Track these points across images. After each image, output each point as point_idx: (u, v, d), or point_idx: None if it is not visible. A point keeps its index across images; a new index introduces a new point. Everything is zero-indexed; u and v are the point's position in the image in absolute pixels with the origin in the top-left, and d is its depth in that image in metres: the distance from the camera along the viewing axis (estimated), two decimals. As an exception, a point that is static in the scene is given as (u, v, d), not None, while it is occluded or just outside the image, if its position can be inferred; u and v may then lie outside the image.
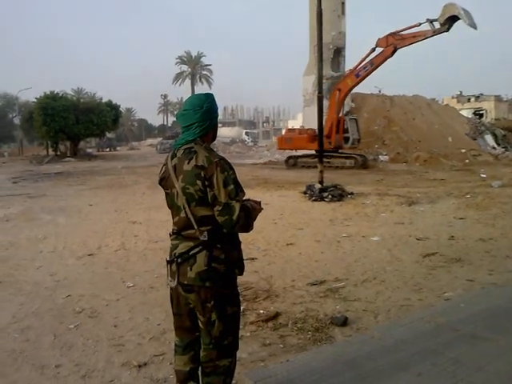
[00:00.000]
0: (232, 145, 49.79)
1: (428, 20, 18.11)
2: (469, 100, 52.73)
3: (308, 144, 21.88)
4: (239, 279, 2.46)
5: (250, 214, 2.24)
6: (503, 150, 30.22)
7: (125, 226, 8.87)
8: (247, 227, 2.24)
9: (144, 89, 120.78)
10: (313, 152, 21.25)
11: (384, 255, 6.39)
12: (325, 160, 21.51)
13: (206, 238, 2.24)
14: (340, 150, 22.09)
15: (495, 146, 31.35)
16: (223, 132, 59.65)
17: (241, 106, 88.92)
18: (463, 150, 26.34)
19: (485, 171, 18.29)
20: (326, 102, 19.09)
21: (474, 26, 17.17)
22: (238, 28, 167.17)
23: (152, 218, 9.37)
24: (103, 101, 37.87)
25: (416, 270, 5.67)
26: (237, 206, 2.16)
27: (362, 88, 29.46)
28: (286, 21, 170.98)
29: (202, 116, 2.29)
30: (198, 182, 2.20)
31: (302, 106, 30.28)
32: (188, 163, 2.25)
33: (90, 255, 6.71)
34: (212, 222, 2.23)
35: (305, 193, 12.22)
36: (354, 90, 29.35)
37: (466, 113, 39.73)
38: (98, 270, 5.98)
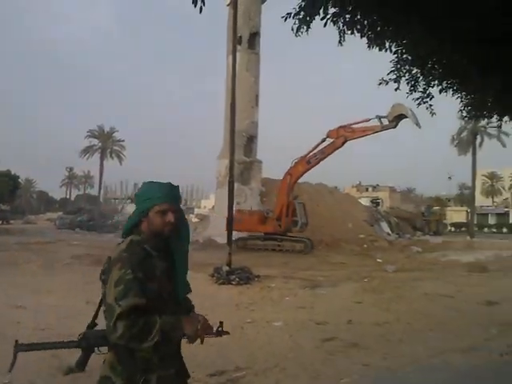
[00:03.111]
0: (140, 223, 48.28)
1: (377, 116, 19.52)
2: (367, 189, 57.55)
3: (258, 226, 21.92)
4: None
5: (143, 327, 1.85)
6: (397, 236, 32.80)
7: (5, 310, 7.89)
8: (134, 341, 1.86)
9: (48, 159, 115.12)
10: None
11: (286, 341, 6.35)
12: (275, 243, 21.78)
13: (81, 337, 2.00)
14: (288, 234, 22.30)
15: (390, 232, 33.92)
16: (130, 209, 58.07)
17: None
18: (361, 236, 28.08)
19: (381, 256, 19.50)
20: (236, 185, 19.57)
21: (418, 125, 18.68)
22: (154, 106, 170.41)
23: (42, 303, 8.52)
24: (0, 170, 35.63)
25: (315, 355, 5.68)
26: (116, 311, 1.83)
27: (272, 173, 31.04)
28: (204, 105, 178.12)
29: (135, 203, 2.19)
30: (101, 275, 2.02)
31: (215, 187, 30.85)
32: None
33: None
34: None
35: (212, 275, 12.05)
36: (264, 175, 30.87)
37: (365, 201, 42.97)
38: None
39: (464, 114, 7.73)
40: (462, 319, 7.90)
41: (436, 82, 6.30)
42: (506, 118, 7.43)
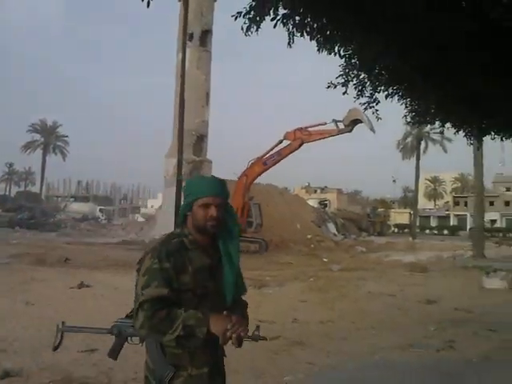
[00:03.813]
0: (83, 222, 46.54)
1: (334, 120, 19.72)
2: (315, 191, 58.59)
3: None
4: (74, 374, 2.19)
5: (165, 318, 1.81)
6: (343, 236, 33.68)
7: None
8: (155, 332, 1.84)
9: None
10: None
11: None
12: None
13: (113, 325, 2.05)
14: (243, 234, 22.08)
15: (336, 233, 34.78)
16: (75, 207, 56.10)
17: (97, 181, 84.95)
18: (309, 236, 28.59)
19: (327, 256, 19.91)
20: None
21: (373, 130, 19.08)
22: (104, 103, 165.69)
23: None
24: None
25: (260, 354, 5.67)
26: (139, 300, 1.85)
27: (221, 173, 30.88)
28: (152, 104, 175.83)
29: None
30: (137, 264, 2.00)
31: (163, 187, 30.34)
32: None
33: None
34: None
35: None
36: (214, 175, 30.65)
37: (313, 202, 43.73)
38: None
39: (408, 120, 8.02)
40: (403, 317, 8.19)
41: (382, 87, 6.49)
42: (448, 125, 7.77)
